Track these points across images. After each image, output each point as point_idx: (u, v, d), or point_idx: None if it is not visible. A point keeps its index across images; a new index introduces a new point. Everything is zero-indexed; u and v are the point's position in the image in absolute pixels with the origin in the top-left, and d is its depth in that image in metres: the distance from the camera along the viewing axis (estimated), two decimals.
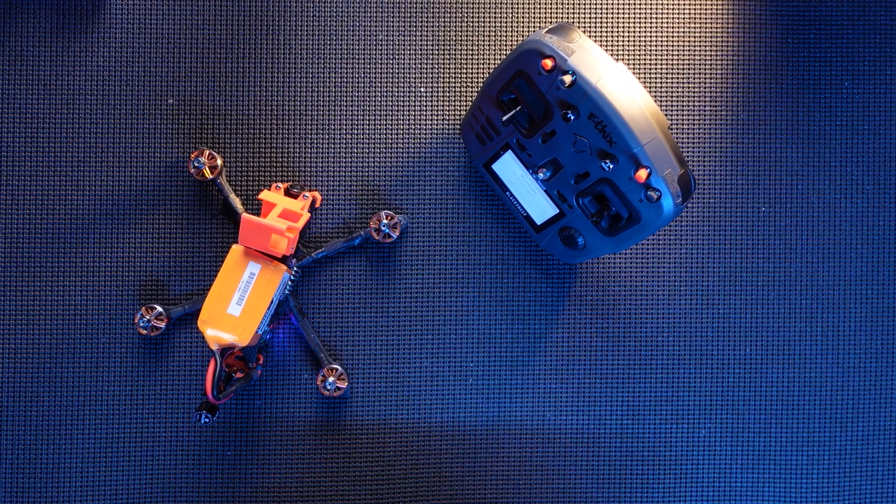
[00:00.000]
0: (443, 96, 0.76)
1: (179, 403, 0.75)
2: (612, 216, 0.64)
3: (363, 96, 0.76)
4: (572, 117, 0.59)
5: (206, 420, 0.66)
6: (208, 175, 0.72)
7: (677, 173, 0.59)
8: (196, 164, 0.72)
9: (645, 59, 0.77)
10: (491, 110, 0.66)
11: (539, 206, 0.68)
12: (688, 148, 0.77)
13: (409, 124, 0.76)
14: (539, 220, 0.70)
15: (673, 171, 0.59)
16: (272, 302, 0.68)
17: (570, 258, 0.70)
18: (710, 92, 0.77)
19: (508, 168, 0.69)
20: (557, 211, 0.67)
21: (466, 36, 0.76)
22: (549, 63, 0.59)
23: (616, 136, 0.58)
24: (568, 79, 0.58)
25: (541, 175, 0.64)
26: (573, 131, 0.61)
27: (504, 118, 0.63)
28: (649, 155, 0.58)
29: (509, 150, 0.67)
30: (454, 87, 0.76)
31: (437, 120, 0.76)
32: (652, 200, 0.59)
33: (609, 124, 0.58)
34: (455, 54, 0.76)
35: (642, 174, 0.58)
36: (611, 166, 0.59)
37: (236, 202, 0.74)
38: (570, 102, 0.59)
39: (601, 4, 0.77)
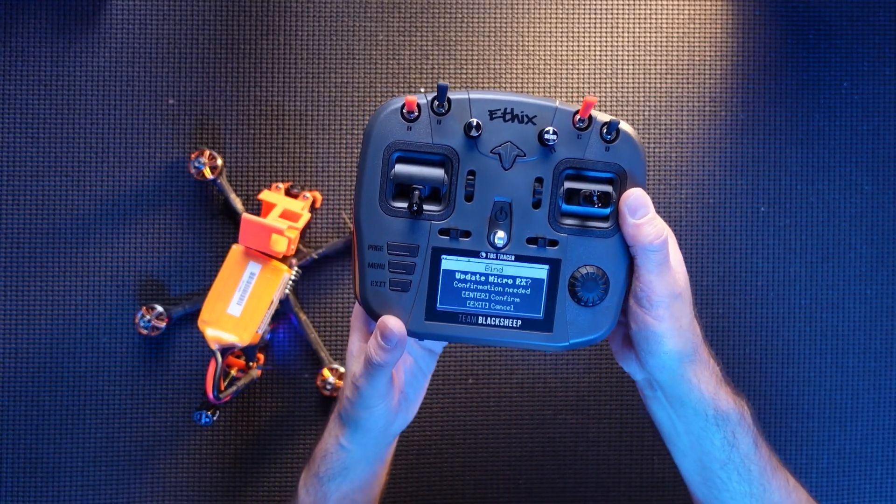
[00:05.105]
0: None
1: (179, 403, 0.75)
2: (598, 196, 0.50)
3: (363, 96, 0.76)
4: (477, 134, 0.50)
5: (207, 420, 0.67)
6: (208, 175, 0.72)
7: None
8: (196, 165, 0.72)
9: (644, 59, 0.77)
10: (389, 227, 0.50)
11: (524, 290, 0.51)
12: (687, 148, 0.77)
13: None
14: (540, 312, 0.52)
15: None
16: (272, 302, 0.68)
17: (607, 316, 0.52)
18: (710, 92, 0.77)
19: (462, 283, 0.51)
20: (547, 266, 0.51)
21: (466, 36, 0.76)
22: (413, 100, 0.49)
23: (528, 108, 0.50)
24: (446, 100, 0.49)
25: (498, 241, 0.50)
26: (489, 150, 0.50)
27: (412, 206, 0.49)
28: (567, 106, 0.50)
29: (443, 257, 0.50)
30: (454, 87, 0.76)
31: None
32: (609, 140, 0.50)
33: (514, 105, 0.50)
34: (455, 54, 0.76)
35: (590, 102, 0.49)
36: (555, 137, 0.49)
37: (236, 202, 0.74)
38: (468, 124, 0.49)
39: (601, 4, 0.77)
